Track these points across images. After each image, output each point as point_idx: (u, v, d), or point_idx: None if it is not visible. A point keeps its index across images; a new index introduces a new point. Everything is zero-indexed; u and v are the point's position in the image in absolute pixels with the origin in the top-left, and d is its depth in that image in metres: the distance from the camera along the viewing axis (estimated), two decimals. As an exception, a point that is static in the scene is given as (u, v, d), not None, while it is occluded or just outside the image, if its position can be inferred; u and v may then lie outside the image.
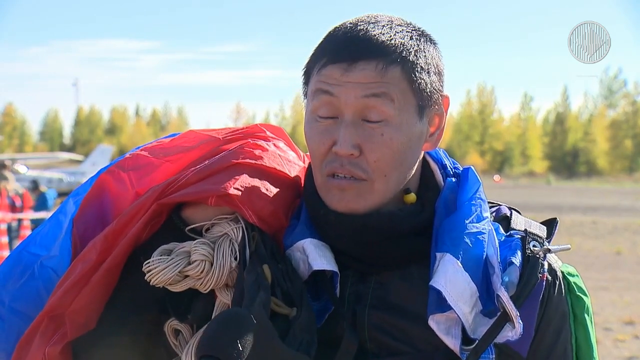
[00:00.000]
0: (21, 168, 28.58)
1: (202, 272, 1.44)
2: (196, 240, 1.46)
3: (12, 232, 15.42)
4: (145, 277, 1.43)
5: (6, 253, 14.21)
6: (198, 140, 1.60)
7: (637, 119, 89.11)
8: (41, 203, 16.59)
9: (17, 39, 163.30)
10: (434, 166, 1.57)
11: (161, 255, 1.44)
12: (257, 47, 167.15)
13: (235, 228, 1.47)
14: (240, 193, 1.45)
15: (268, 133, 1.60)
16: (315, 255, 1.46)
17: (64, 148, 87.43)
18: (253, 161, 1.51)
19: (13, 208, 16.00)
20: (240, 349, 1.30)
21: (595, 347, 1.55)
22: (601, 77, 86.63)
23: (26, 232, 15.72)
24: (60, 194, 28.19)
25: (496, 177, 67.10)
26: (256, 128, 1.62)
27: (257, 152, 1.53)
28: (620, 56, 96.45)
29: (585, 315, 1.54)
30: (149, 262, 1.43)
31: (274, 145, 1.57)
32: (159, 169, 1.58)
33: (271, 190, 1.49)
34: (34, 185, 18.51)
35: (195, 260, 1.44)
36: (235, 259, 1.46)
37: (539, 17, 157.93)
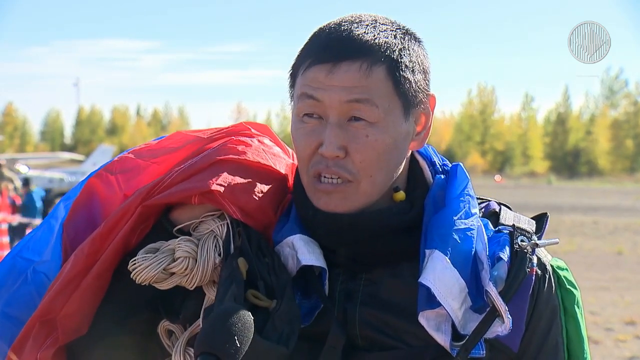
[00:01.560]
0: (22, 168, 28.56)
1: (186, 268, 1.44)
2: (180, 238, 1.47)
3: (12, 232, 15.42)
4: (131, 276, 1.44)
5: (7, 253, 14.21)
6: (184, 140, 1.61)
7: (638, 119, 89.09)
8: (29, 202, 16.47)
9: (18, 38, 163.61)
10: (422, 163, 1.57)
11: (146, 254, 1.45)
12: (258, 47, 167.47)
13: (221, 225, 1.48)
14: (222, 189, 1.46)
15: (252, 130, 1.60)
16: (304, 251, 1.46)
17: (65, 148, 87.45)
18: (236, 157, 1.51)
19: (13, 208, 16.02)
20: (238, 345, 1.31)
21: (586, 339, 1.55)
22: (602, 77, 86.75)
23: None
24: (61, 194, 28.20)
25: (497, 177, 67.13)
26: (241, 126, 1.62)
27: (240, 147, 1.53)
28: (621, 56, 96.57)
29: (576, 308, 1.54)
30: (134, 260, 1.44)
31: (258, 141, 1.57)
32: (146, 171, 1.59)
33: (256, 184, 1.49)
34: (25, 182, 18.43)
35: (179, 257, 1.45)
36: (220, 254, 1.46)
37: (540, 17, 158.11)
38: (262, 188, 1.50)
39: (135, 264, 1.44)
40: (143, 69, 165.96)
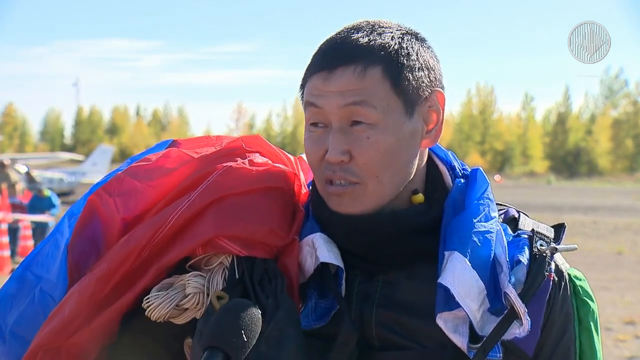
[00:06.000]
0: (22, 168, 28.50)
1: (197, 304, 1.45)
2: (190, 274, 1.48)
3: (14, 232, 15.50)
4: (145, 313, 1.46)
5: (6, 253, 14.25)
6: (179, 161, 1.60)
7: (638, 119, 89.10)
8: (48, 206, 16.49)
9: (18, 38, 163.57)
10: (442, 168, 1.58)
11: (159, 291, 1.47)
12: (259, 47, 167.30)
13: (228, 256, 1.48)
14: (221, 234, 1.46)
15: (244, 146, 1.59)
16: (323, 249, 1.48)
17: (64, 148, 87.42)
18: (229, 191, 1.50)
19: (21, 208, 16.07)
20: (245, 339, 1.31)
21: (600, 354, 1.54)
22: (602, 77, 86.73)
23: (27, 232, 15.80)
24: (61, 194, 28.17)
25: (497, 177, 66.94)
26: (234, 144, 1.60)
27: (232, 177, 1.51)
28: (621, 56, 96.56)
29: (590, 320, 1.54)
30: (147, 298, 1.46)
31: (250, 162, 1.55)
32: (142, 195, 1.58)
33: (256, 213, 1.49)
34: (37, 185, 18.42)
35: (189, 293, 1.46)
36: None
37: (540, 17, 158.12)
38: (263, 214, 1.49)
39: (148, 302, 1.46)
40: (143, 69, 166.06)
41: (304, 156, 1.71)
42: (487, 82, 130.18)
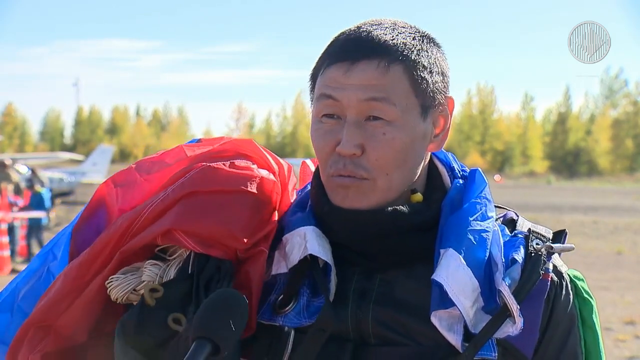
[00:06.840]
0: (22, 168, 28.49)
1: None
2: (147, 262, 1.51)
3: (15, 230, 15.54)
4: (107, 292, 1.49)
5: (6, 253, 14.25)
6: (176, 157, 1.62)
7: (638, 119, 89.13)
8: (38, 202, 16.60)
9: (18, 38, 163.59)
10: (441, 168, 1.59)
11: (122, 274, 1.50)
12: (259, 47, 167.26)
13: (186, 250, 1.50)
14: (180, 227, 1.47)
15: (234, 149, 1.60)
16: (314, 243, 1.47)
17: (64, 148, 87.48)
18: (201, 189, 1.51)
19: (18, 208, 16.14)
20: (233, 329, 1.32)
21: (603, 350, 1.55)
22: (602, 77, 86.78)
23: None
24: (61, 194, 28.16)
25: (497, 177, 66.93)
26: (224, 147, 1.61)
27: (208, 177, 1.52)
28: (621, 56, 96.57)
29: (594, 318, 1.54)
30: (111, 279, 1.50)
31: (230, 164, 1.55)
32: (139, 187, 1.61)
33: (222, 213, 1.49)
34: (30, 183, 18.54)
35: (144, 280, 1.49)
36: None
37: (540, 17, 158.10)
38: (226, 215, 1.49)
39: (110, 282, 1.50)
40: (143, 69, 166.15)
41: (307, 162, 1.71)
42: (487, 82, 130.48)
